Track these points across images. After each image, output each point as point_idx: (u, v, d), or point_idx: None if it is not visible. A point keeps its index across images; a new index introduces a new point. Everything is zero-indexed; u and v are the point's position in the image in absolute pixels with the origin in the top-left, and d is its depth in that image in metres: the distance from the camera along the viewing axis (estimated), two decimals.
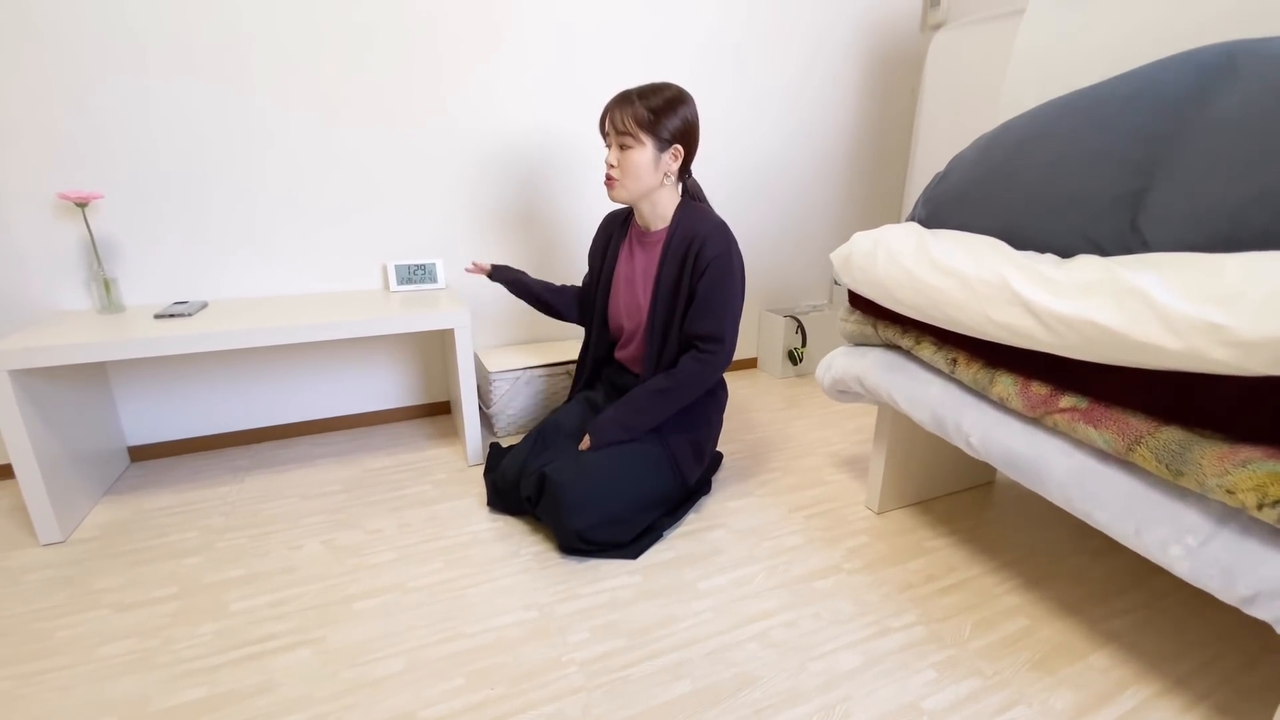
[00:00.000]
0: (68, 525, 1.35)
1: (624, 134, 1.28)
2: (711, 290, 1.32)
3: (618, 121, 1.28)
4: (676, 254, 1.36)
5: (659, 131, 1.29)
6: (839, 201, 2.46)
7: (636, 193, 1.34)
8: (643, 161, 1.30)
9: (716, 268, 1.31)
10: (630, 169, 1.30)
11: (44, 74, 1.41)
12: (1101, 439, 0.85)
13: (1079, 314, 0.82)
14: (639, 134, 1.28)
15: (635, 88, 1.31)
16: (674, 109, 1.30)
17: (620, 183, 1.32)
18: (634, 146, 1.29)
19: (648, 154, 1.30)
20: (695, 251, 1.32)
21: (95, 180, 1.49)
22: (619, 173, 1.31)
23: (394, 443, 1.81)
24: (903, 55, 2.37)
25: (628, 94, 1.30)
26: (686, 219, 1.37)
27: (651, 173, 1.32)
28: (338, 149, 1.68)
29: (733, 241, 1.35)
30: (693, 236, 1.34)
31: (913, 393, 1.15)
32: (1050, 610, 1.14)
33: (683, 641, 1.05)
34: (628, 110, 1.28)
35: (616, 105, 1.29)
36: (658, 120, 1.29)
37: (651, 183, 1.34)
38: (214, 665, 1.00)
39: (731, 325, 1.35)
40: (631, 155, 1.29)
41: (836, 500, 1.49)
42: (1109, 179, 0.90)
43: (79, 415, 1.46)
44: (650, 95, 1.29)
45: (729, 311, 1.33)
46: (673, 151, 1.33)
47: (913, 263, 1.08)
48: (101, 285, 1.48)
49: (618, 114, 1.29)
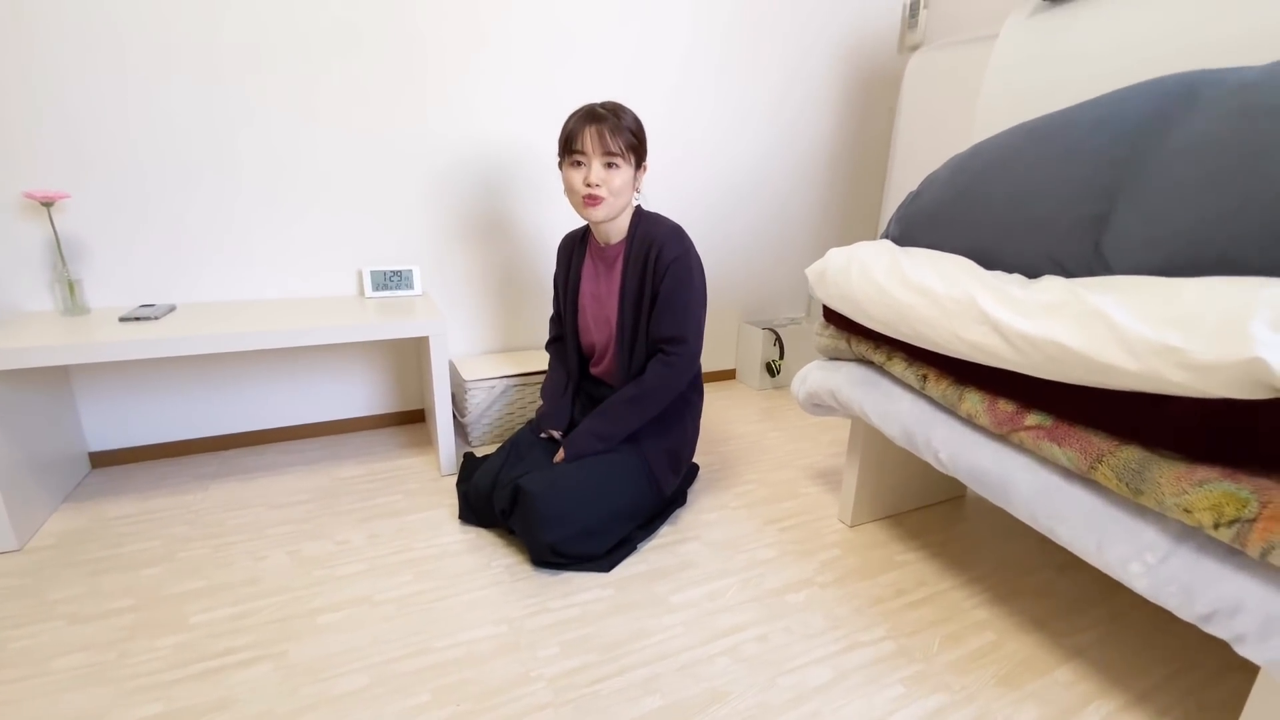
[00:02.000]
0: (24, 533, 1.31)
1: (614, 154, 1.28)
2: (672, 292, 1.34)
3: (608, 142, 1.27)
4: (637, 262, 1.37)
5: (638, 154, 1.34)
6: (817, 216, 2.49)
7: (617, 210, 1.34)
8: (626, 181, 1.32)
9: (676, 269, 1.33)
10: (617, 188, 1.30)
11: (13, 70, 1.37)
12: (1065, 457, 0.87)
13: (1043, 334, 0.83)
14: (626, 154, 1.30)
15: (602, 105, 1.31)
16: (643, 130, 1.35)
17: (607, 202, 1.31)
18: (620, 167, 1.30)
19: (629, 172, 1.32)
20: (654, 256, 1.34)
21: (64, 180, 1.46)
22: (606, 192, 1.30)
23: (365, 451, 1.79)
24: (881, 75, 2.41)
25: (602, 114, 1.29)
26: (642, 227, 1.39)
27: (629, 190, 1.35)
28: (315, 152, 1.66)
29: (689, 243, 1.37)
30: (650, 241, 1.35)
31: (884, 408, 1.16)
32: (1017, 625, 1.15)
33: (653, 656, 1.04)
34: (615, 131, 1.28)
35: (600, 124, 1.27)
36: (639, 142, 1.33)
37: (628, 199, 1.36)
38: (171, 680, 0.97)
39: (695, 325, 1.36)
40: (618, 175, 1.30)
41: (810, 513, 1.50)
42: (1074, 202, 0.93)
43: (38, 419, 1.42)
44: (624, 115, 1.31)
45: (691, 312, 1.35)
46: (643, 169, 1.37)
47: (885, 279, 1.10)
48: (65, 287, 1.45)
49: (605, 134, 1.27)
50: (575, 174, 1.32)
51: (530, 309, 2.06)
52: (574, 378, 1.55)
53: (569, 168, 1.33)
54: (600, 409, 1.38)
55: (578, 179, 1.31)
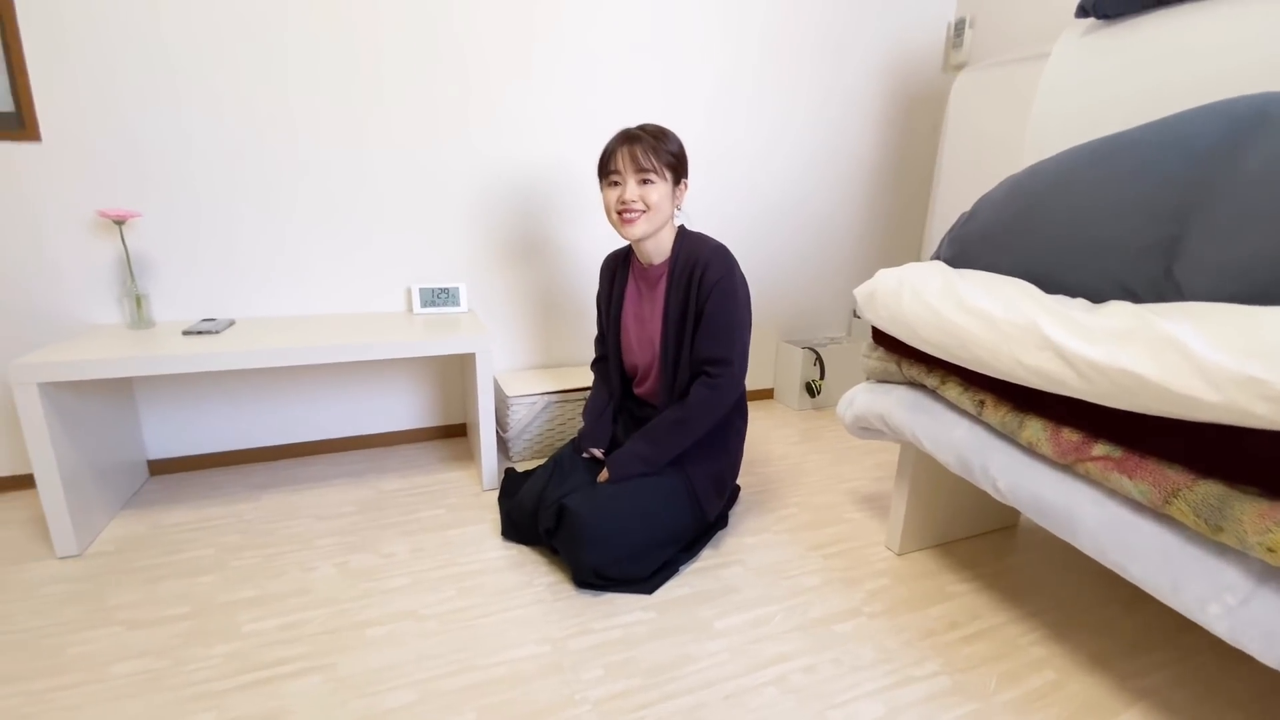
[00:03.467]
0: (85, 538, 1.36)
1: (647, 171, 1.30)
2: (716, 313, 1.33)
3: (641, 159, 1.29)
4: (680, 282, 1.37)
5: (676, 171, 1.35)
6: (858, 234, 2.46)
7: (655, 226, 1.35)
8: (663, 196, 1.33)
9: (720, 290, 1.32)
10: (654, 203, 1.32)
11: (88, 98, 1.46)
12: (1136, 490, 0.83)
13: (1112, 361, 0.80)
14: (662, 171, 1.31)
15: (641, 128, 1.34)
16: (683, 150, 1.37)
17: (645, 217, 1.32)
18: (656, 183, 1.31)
19: (666, 189, 1.33)
20: (698, 276, 1.34)
21: (133, 199, 1.53)
22: (642, 206, 1.31)
23: (409, 464, 1.81)
24: (924, 93, 2.39)
25: (638, 134, 1.32)
26: (686, 247, 1.39)
27: (668, 206, 1.36)
28: (366, 174, 1.72)
29: (734, 263, 1.36)
30: (694, 262, 1.35)
31: (938, 434, 1.13)
32: (1078, 664, 1.10)
33: (699, 683, 1.02)
34: (650, 150, 1.30)
35: (634, 144, 1.30)
36: (678, 161, 1.35)
37: (667, 216, 1.37)
38: (224, 689, 0.99)
39: (739, 347, 1.35)
40: (654, 191, 1.31)
41: (856, 539, 1.46)
42: (1143, 225, 0.90)
43: (103, 428, 1.48)
44: (663, 137, 1.33)
45: (735, 333, 1.34)
46: (683, 185, 1.38)
47: (939, 302, 1.08)
48: (134, 301, 1.51)
49: (639, 153, 1.30)
50: (611, 193, 1.34)
51: (570, 326, 2.08)
52: (616, 397, 1.55)
53: (606, 188, 1.36)
54: (644, 431, 1.38)
55: (613, 198, 1.34)
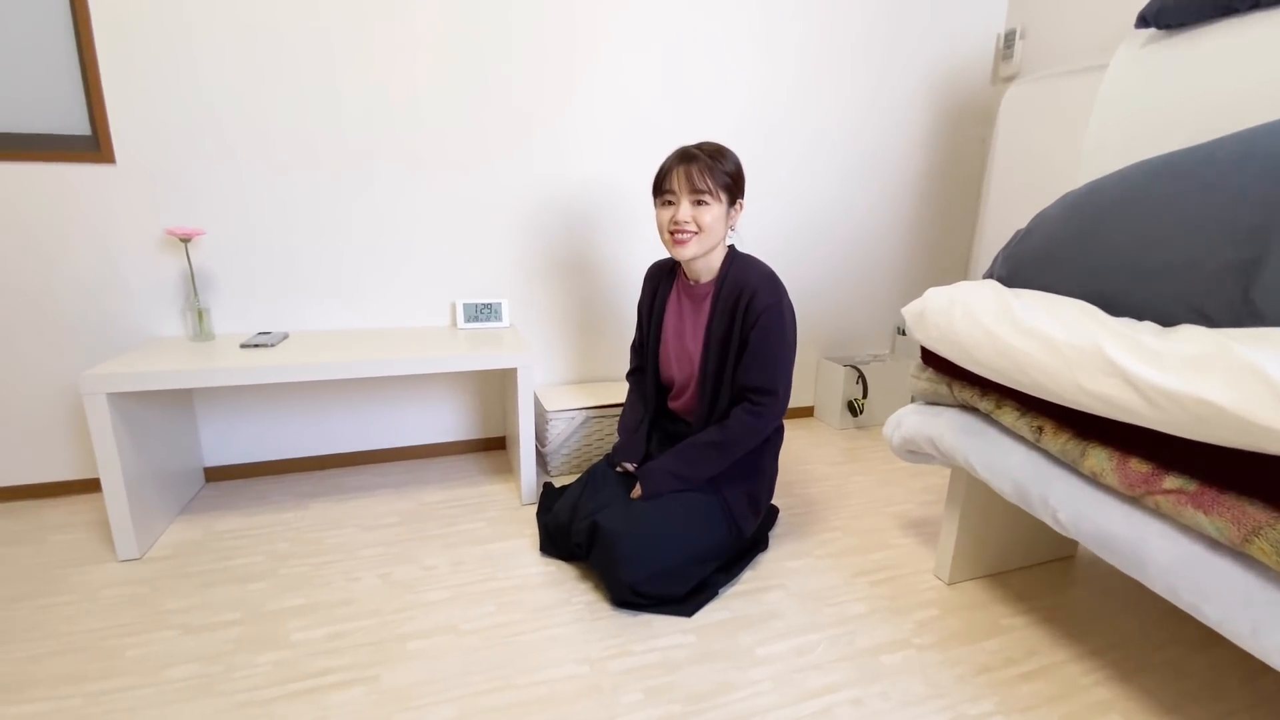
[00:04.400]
0: (145, 542, 1.41)
1: (702, 192, 1.29)
2: (763, 341, 1.31)
3: (696, 180, 1.28)
4: (726, 305, 1.35)
5: (732, 192, 1.33)
6: (902, 250, 2.41)
7: (707, 248, 1.34)
8: (717, 217, 1.31)
9: (768, 318, 1.30)
10: (707, 225, 1.30)
11: (158, 122, 1.53)
12: (1213, 526, 0.78)
13: (1186, 389, 0.76)
14: (718, 193, 1.30)
15: (699, 146, 1.32)
16: (740, 170, 1.35)
17: (697, 239, 1.31)
18: (710, 204, 1.30)
19: (720, 210, 1.31)
20: (746, 302, 1.32)
21: (197, 218, 1.61)
22: (694, 227, 1.30)
23: (449, 476, 1.83)
24: (972, 107, 2.34)
25: (695, 154, 1.30)
26: (735, 269, 1.37)
27: (722, 228, 1.34)
28: (414, 194, 1.77)
29: (783, 291, 1.34)
30: (742, 287, 1.33)
31: (993, 459, 1.09)
32: (1146, 708, 1.04)
33: (741, 713, 1.00)
34: (706, 170, 1.28)
35: (690, 164, 1.29)
36: (735, 182, 1.33)
37: (720, 237, 1.35)
38: (272, 698, 1.01)
39: (784, 377, 1.33)
40: (707, 212, 1.30)
41: (903, 566, 1.42)
42: (1217, 245, 0.85)
43: (164, 436, 1.54)
44: (720, 157, 1.31)
45: (781, 363, 1.32)
46: (737, 207, 1.36)
47: (994, 323, 1.04)
48: (196, 315, 1.58)
49: (694, 173, 1.28)
50: (665, 213, 1.33)
51: (609, 341, 2.09)
52: (651, 410, 1.55)
53: (660, 207, 1.35)
54: (680, 449, 1.37)
55: (666, 217, 1.33)
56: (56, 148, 1.49)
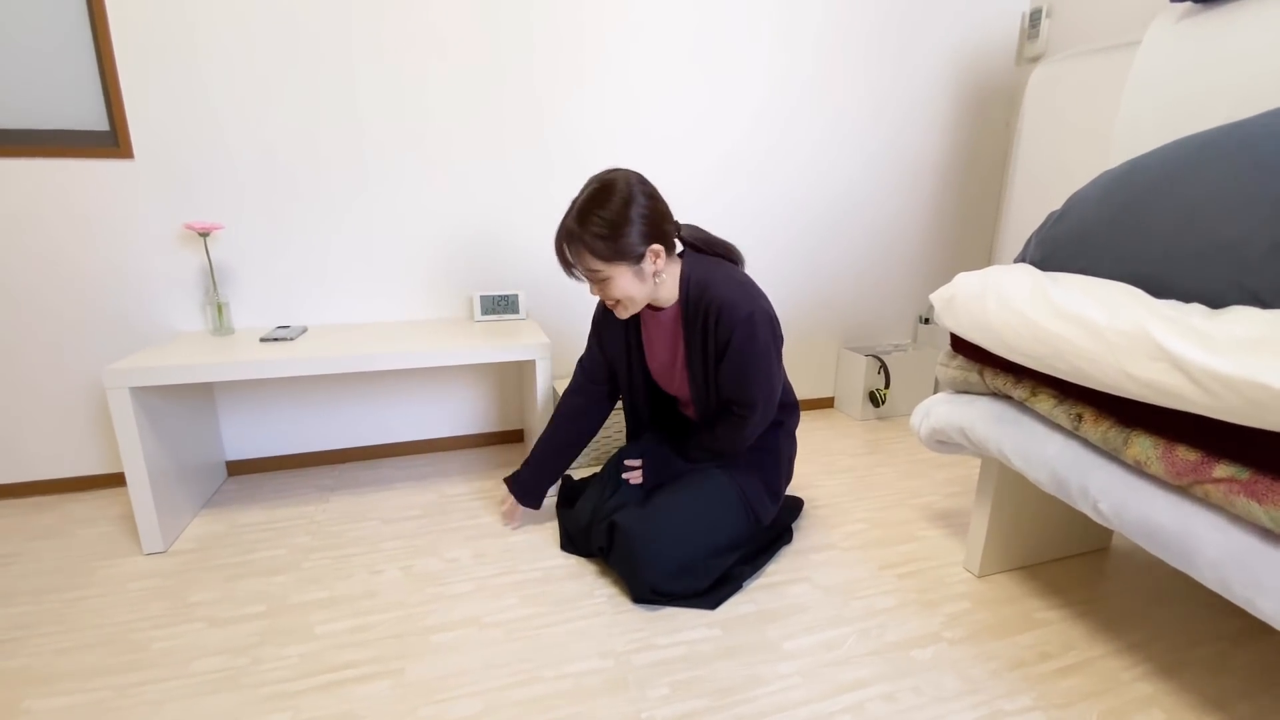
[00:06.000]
0: (169, 536, 1.42)
1: (594, 271, 1.16)
2: (736, 359, 1.21)
3: (581, 263, 1.16)
4: (695, 325, 1.25)
5: (626, 253, 1.14)
6: (924, 237, 2.36)
7: (642, 303, 1.24)
8: (628, 283, 1.18)
9: (740, 334, 1.19)
10: (622, 295, 1.19)
11: (176, 118, 1.53)
12: (1268, 516, 0.75)
13: (1242, 374, 0.72)
14: (612, 262, 1.15)
15: (573, 211, 1.16)
16: (625, 221, 1.12)
17: (622, 306, 1.22)
18: (612, 276, 1.16)
19: (627, 274, 1.17)
20: (715, 320, 1.21)
21: (215, 213, 1.61)
22: (612, 301, 1.22)
23: (469, 469, 1.83)
24: (995, 88, 2.28)
25: (573, 229, 1.15)
26: (694, 286, 1.23)
27: (641, 285, 1.20)
28: (430, 187, 1.75)
29: (754, 296, 1.21)
30: (707, 305, 1.21)
31: (1029, 449, 1.06)
32: (1189, 704, 1.00)
33: (771, 708, 0.98)
34: (580, 249, 1.15)
35: (566, 243, 1.16)
36: (616, 244, 1.13)
37: (649, 290, 1.22)
38: (298, 690, 1.01)
39: (763, 387, 1.23)
40: (614, 286, 1.17)
41: (931, 559, 1.39)
42: (1270, 222, 0.81)
43: (187, 430, 1.54)
44: (590, 220, 1.13)
45: (758, 376, 1.22)
46: (651, 254, 1.17)
47: (1030, 308, 1.01)
48: (215, 309, 1.58)
49: (576, 256, 1.16)
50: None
51: None
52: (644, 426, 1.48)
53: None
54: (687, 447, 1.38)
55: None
56: (75, 144, 1.49)
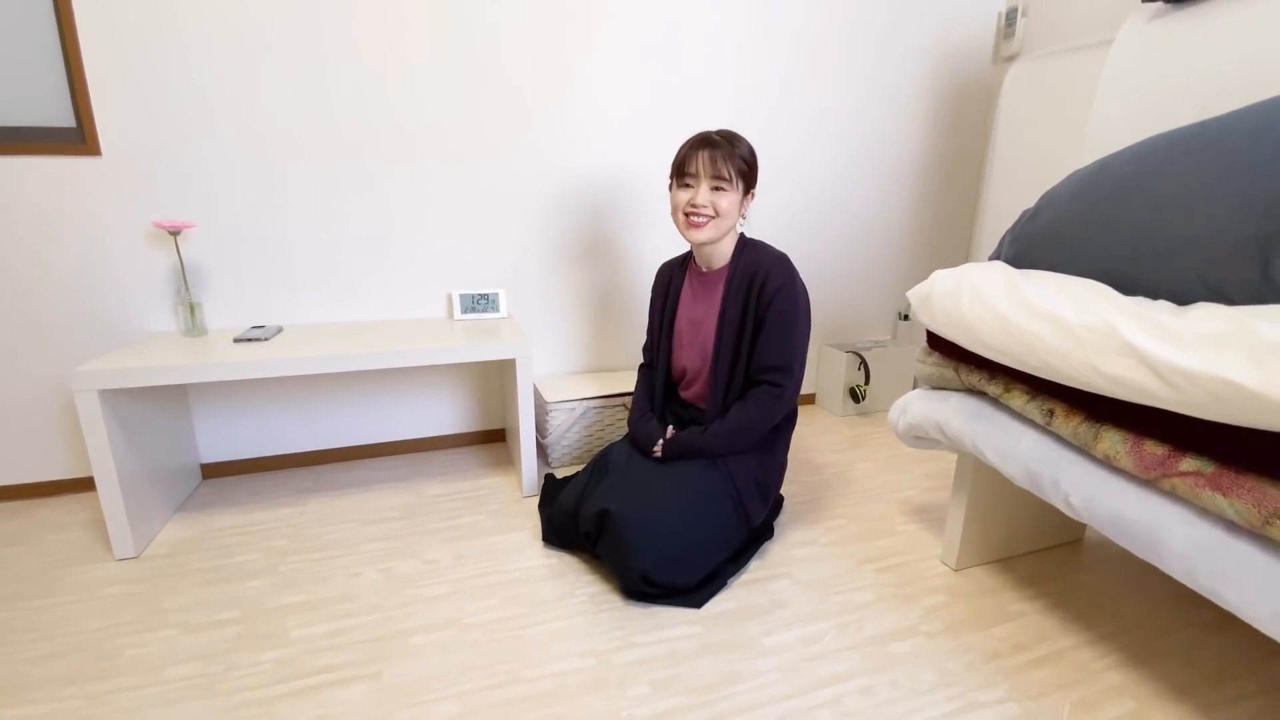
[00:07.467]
0: (141, 541, 1.39)
1: (722, 178, 1.30)
2: (778, 321, 1.33)
3: (718, 167, 1.30)
4: (740, 289, 1.36)
5: (748, 182, 1.36)
6: (903, 234, 2.38)
7: (721, 232, 1.35)
8: (733, 204, 1.33)
9: (782, 299, 1.32)
10: (724, 210, 1.32)
11: (145, 113, 1.50)
12: (1232, 509, 0.76)
13: (1206, 369, 0.74)
14: (735, 180, 1.32)
15: (717, 133, 1.33)
16: (755, 160, 1.37)
17: (713, 223, 1.33)
18: (727, 190, 1.31)
19: (736, 197, 1.33)
20: (759, 285, 1.34)
21: (187, 211, 1.57)
22: (711, 212, 1.32)
23: (449, 469, 1.82)
24: (972, 87, 2.30)
25: (716, 140, 1.32)
26: (747, 254, 1.39)
27: (736, 214, 1.35)
28: (408, 185, 1.73)
29: (795, 272, 1.36)
30: (755, 270, 1.35)
31: (1002, 444, 1.07)
32: (1159, 693, 1.02)
33: (750, 704, 0.98)
34: (726, 157, 1.30)
35: (712, 149, 1.30)
36: (750, 170, 1.35)
37: (733, 223, 1.37)
38: (273, 696, 0.99)
39: (800, 356, 1.36)
40: (724, 198, 1.32)
41: (909, 553, 1.40)
42: (1235, 220, 0.83)
43: (159, 433, 1.51)
44: (737, 143, 1.33)
45: (796, 342, 1.34)
46: (750, 195, 1.38)
47: (1003, 305, 1.02)
48: (188, 309, 1.55)
49: (716, 159, 1.30)
50: (682, 194, 1.34)
51: (609, 331, 2.06)
52: (659, 404, 1.53)
53: (677, 189, 1.35)
54: (704, 438, 1.36)
55: (683, 199, 1.33)
56: (40, 140, 1.45)
